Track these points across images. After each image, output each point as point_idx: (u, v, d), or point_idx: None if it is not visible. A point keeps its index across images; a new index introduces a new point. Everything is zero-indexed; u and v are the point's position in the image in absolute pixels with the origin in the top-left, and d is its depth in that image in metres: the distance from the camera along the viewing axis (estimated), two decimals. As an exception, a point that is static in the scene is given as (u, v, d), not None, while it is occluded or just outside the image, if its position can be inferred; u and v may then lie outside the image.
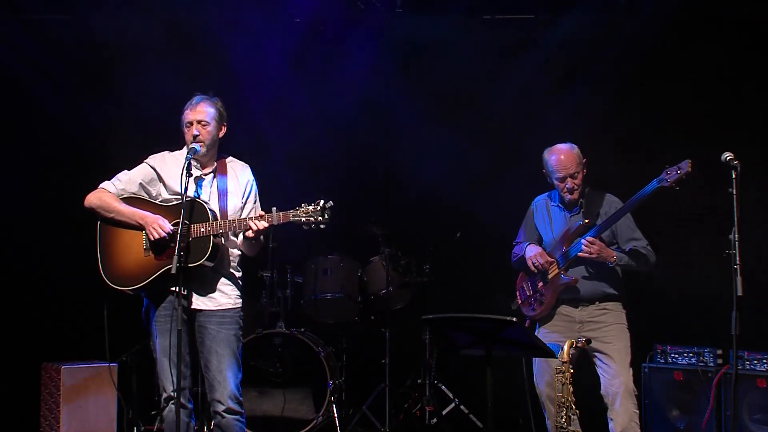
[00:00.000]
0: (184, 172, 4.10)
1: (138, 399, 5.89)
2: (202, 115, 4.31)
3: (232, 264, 4.39)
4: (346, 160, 6.75)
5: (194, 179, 4.28)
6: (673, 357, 5.47)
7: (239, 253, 4.42)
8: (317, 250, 6.41)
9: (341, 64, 6.62)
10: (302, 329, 6.20)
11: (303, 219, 4.08)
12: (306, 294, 6.36)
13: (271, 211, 4.14)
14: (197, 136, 4.28)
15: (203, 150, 4.31)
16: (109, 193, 4.33)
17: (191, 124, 4.30)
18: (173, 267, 3.98)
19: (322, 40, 6.58)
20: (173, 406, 4.15)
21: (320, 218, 4.07)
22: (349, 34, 6.50)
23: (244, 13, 6.37)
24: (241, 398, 4.27)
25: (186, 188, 4.11)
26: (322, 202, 4.09)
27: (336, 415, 5.92)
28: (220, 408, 4.21)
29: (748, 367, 5.14)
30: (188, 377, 4.23)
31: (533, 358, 4.80)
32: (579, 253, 4.60)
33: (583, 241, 4.58)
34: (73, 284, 6.44)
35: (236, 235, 4.38)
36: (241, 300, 4.39)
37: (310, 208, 4.09)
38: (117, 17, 6.31)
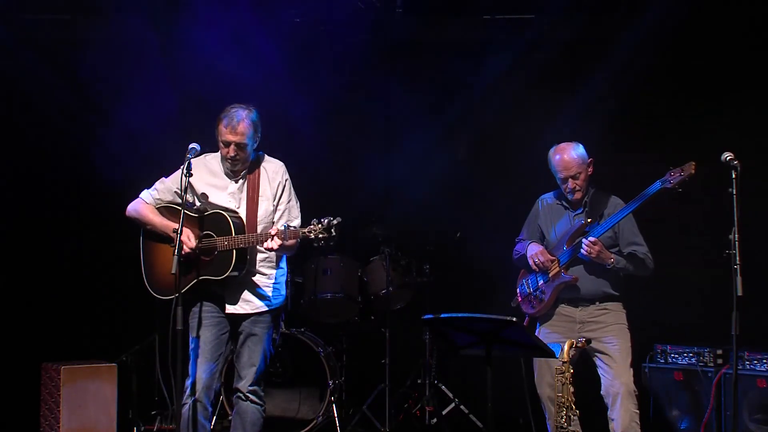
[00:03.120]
0: (184, 172, 4.14)
1: (138, 399, 5.89)
2: (241, 137, 4.31)
3: (269, 264, 4.45)
4: (345, 160, 6.74)
5: (224, 186, 4.38)
6: (673, 357, 5.47)
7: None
8: (317, 250, 6.41)
9: (340, 63, 6.62)
10: (302, 329, 6.20)
11: (312, 236, 4.16)
12: (306, 294, 6.35)
13: (283, 228, 4.20)
14: (235, 157, 4.32)
15: (238, 166, 4.38)
16: (146, 204, 4.43)
17: (229, 144, 4.31)
18: (173, 268, 4.04)
19: (322, 40, 6.57)
20: (191, 402, 4.22)
21: (327, 235, 4.14)
22: (349, 33, 6.49)
23: (244, 14, 6.36)
24: (262, 393, 4.41)
25: (185, 190, 4.18)
26: (328, 220, 4.14)
27: (336, 415, 5.92)
28: (241, 395, 4.36)
29: (748, 367, 5.13)
30: (217, 378, 4.39)
31: (534, 359, 4.80)
32: (582, 251, 4.61)
33: (584, 241, 4.59)
34: (73, 284, 6.45)
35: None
36: (279, 300, 4.47)
37: (319, 225, 4.14)
38: (114, 18, 6.31)
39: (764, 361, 5.09)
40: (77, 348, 6.15)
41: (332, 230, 4.12)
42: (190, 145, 4.26)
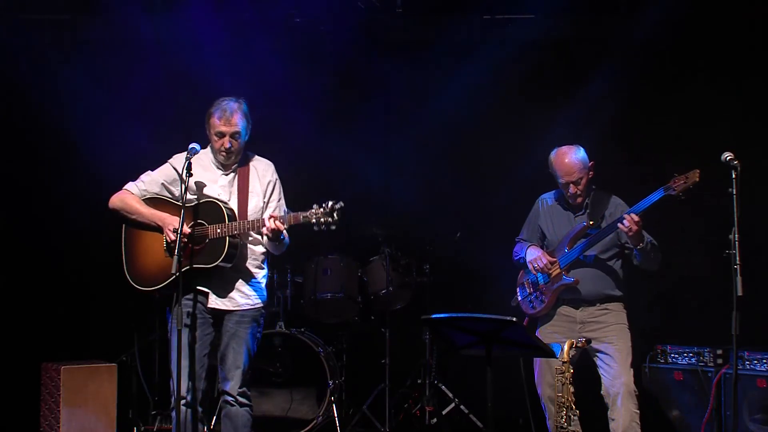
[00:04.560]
0: (184, 172, 4.14)
1: (138, 399, 5.89)
2: (236, 128, 4.32)
3: (255, 263, 4.42)
4: (343, 160, 6.74)
5: (215, 179, 4.35)
6: (673, 357, 5.46)
7: (263, 251, 4.45)
8: (317, 250, 6.41)
9: (340, 63, 6.61)
10: (302, 329, 6.21)
11: (313, 220, 4.12)
12: (306, 294, 6.36)
13: (283, 213, 4.19)
14: (230, 148, 4.31)
15: (232, 158, 4.37)
16: (132, 195, 4.38)
17: (223, 135, 4.31)
18: (173, 267, 4.01)
19: (322, 39, 6.56)
20: (183, 407, 4.19)
21: (330, 220, 4.11)
22: (349, 33, 6.48)
23: (242, 13, 6.36)
24: (249, 393, 4.36)
25: (186, 189, 4.15)
26: (331, 203, 4.12)
27: (336, 415, 5.92)
28: (230, 399, 4.31)
29: (748, 367, 5.13)
30: (203, 379, 4.31)
31: (534, 359, 4.80)
32: (620, 225, 4.49)
33: (626, 216, 4.49)
34: (74, 284, 6.45)
35: (260, 234, 4.39)
36: (261, 299, 4.44)
37: (321, 210, 4.12)
38: (113, 19, 6.32)
39: (764, 361, 5.08)
40: (77, 348, 6.15)
41: (335, 214, 4.09)
42: (190, 145, 4.25)
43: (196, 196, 4.32)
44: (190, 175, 4.17)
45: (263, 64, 6.40)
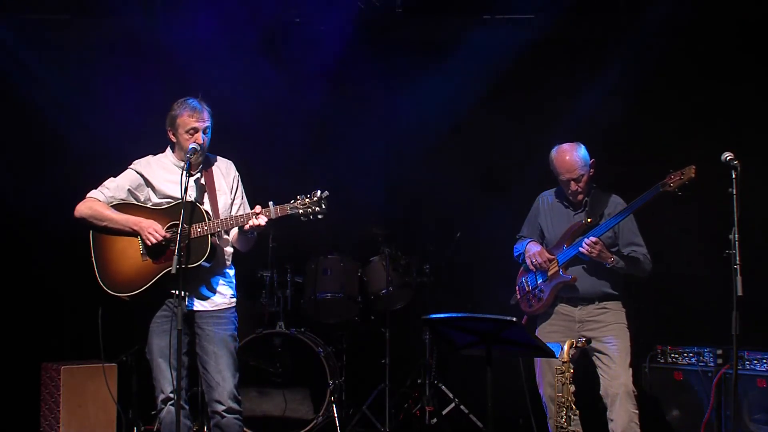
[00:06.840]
0: (185, 172, 4.11)
1: (138, 399, 5.89)
2: (208, 122, 4.32)
3: (227, 262, 4.40)
4: (342, 160, 6.74)
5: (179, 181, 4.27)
6: (673, 357, 5.47)
7: (232, 250, 4.44)
8: (317, 250, 6.41)
9: (340, 63, 6.61)
10: (302, 329, 6.20)
11: (300, 211, 4.13)
12: (306, 294, 6.36)
13: (268, 206, 4.15)
14: (202, 144, 4.29)
15: (201, 157, 4.34)
16: (99, 202, 4.31)
17: (196, 131, 4.29)
18: (173, 267, 3.97)
19: (322, 39, 6.56)
20: (171, 407, 4.16)
21: (317, 209, 4.12)
22: (349, 33, 6.48)
23: (241, 13, 6.35)
24: (239, 397, 4.28)
25: (186, 187, 4.11)
26: (318, 192, 4.14)
27: (336, 415, 5.92)
28: (220, 408, 4.22)
29: (748, 367, 5.14)
30: (185, 378, 4.26)
31: (534, 359, 4.80)
32: (580, 248, 4.60)
33: (585, 240, 4.58)
34: (73, 284, 6.43)
35: (228, 232, 4.38)
36: (235, 298, 4.41)
37: (307, 199, 4.13)
38: (112, 19, 6.32)
39: (764, 361, 5.09)
40: (77, 348, 6.14)
41: (322, 203, 4.11)
42: (191, 146, 4.24)
43: (166, 200, 4.29)
44: (191, 175, 4.16)
45: (261, 64, 6.39)
